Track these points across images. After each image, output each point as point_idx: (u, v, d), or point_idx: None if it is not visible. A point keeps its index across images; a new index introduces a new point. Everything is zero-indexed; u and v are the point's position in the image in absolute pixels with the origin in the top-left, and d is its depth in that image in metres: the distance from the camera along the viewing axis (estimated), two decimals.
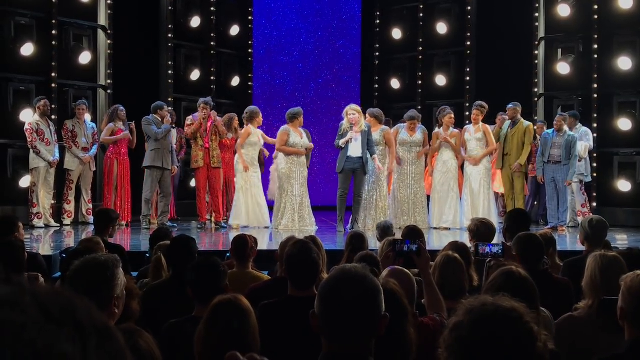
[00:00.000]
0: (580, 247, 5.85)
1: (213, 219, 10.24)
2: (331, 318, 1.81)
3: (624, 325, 2.74)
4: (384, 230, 6.07)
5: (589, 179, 10.76)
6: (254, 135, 10.02)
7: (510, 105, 10.32)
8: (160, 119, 10.01)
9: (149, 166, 9.91)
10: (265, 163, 11.20)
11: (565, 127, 10.25)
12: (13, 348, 0.72)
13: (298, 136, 9.87)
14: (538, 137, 10.68)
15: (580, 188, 10.59)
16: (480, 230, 5.14)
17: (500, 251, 3.58)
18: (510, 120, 10.33)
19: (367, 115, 9.97)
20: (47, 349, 0.74)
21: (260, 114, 10.21)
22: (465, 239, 7.50)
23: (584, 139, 10.51)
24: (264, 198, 10.10)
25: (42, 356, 0.73)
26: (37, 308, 0.76)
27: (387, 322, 1.84)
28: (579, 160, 10.36)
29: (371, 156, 9.60)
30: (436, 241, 8.62)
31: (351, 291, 1.81)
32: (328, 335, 1.83)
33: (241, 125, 10.44)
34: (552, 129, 10.22)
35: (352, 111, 9.52)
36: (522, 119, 10.32)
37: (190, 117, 10.43)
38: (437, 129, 10.55)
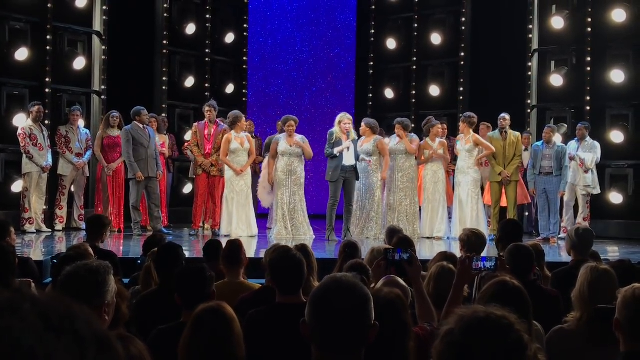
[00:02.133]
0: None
1: (209, 226, 10.25)
2: (322, 326, 1.82)
3: (620, 337, 2.75)
4: (393, 234, 6.05)
5: (597, 191, 10.39)
6: (235, 142, 9.87)
7: (503, 115, 10.33)
8: (141, 126, 9.99)
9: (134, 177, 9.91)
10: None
11: (554, 139, 10.28)
12: (12, 356, 0.72)
13: (287, 144, 9.86)
14: (524, 147, 10.70)
15: (587, 201, 10.40)
16: (472, 240, 5.14)
17: (492, 266, 3.58)
18: (499, 130, 10.31)
19: (362, 124, 10.06)
20: (46, 357, 0.74)
21: (243, 119, 10.06)
22: (453, 248, 7.49)
23: (593, 151, 10.28)
24: (252, 206, 10.04)
25: None
26: (36, 315, 0.76)
27: (377, 331, 1.85)
28: (586, 172, 10.23)
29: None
30: (426, 251, 8.63)
31: (342, 300, 1.82)
32: (318, 343, 1.84)
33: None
34: (542, 141, 10.25)
35: (348, 120, 9.63)
36: (511, 130, 10.35)
37: (196, 123, 10.43)
38: (423, 140, 10.57)
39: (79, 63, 11.13)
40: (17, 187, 10.10)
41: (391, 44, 13.85)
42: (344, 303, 1.82)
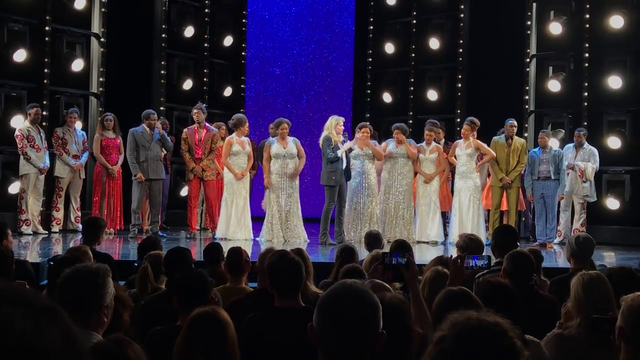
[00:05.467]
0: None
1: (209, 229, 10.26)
2: (329, 332, 1.81)
3: (620, 345, 2.70)
4: (372, 239, 6.07)
5: (594, 199, 10.43)
6: (237, 145, 9.93)
7: (512, 121, 10.28)
8: (148, 129, 10.01)
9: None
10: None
11: (550, 143, 10.28)
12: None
13: (281, 147, 9.89)
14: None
15: (583, 208, 10.43)
16: (470, 246, 5.14)
17: (485, 264, 3.58)
18: (506, 136, 10.27)
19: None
20: (7, 324, 0.83)
21: (247, 123, 10.15)
22: (450, 252, 7.45)
23: (592, 160, 10.25)
24: (249, 210, 10.04)
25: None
26: None
27: (384, 340, 1.84)
28: (584, 182, 10.22)
29: None
30: (419, 255, 8.61)
31: (351, 307, 1.81)
32: (325, 349, 1.83)
33: (230, 133, 10.41)
34: (538, 147, 10.26)
35: (342, 123, 9.73)
36: (516, 137, 10.35)
37: (185, 129, 10.45)
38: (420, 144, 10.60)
39: (77, 65, 11.13)
40: (14, 188, 10.09)
41: (389, 48, 13.87)
42: (353, 310, 1.81)
